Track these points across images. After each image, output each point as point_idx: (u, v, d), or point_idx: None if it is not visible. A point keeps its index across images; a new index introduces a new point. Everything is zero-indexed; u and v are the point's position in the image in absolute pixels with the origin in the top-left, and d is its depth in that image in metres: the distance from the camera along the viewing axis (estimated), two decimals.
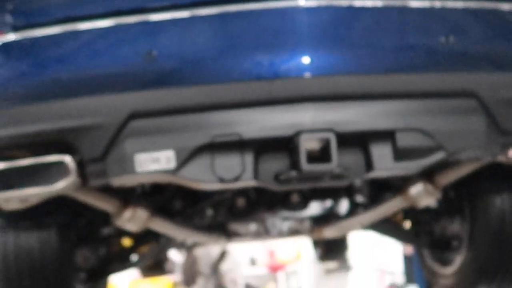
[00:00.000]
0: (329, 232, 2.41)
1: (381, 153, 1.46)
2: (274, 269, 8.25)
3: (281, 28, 1.46)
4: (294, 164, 1.44)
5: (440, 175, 1.94)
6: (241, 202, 2.28)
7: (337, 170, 1.43)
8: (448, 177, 1.95)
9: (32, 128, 1.46)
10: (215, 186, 1.46)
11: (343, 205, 2.41)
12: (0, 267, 2.00)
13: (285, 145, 1.45)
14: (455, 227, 2.53)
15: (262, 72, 1.43)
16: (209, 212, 2.29)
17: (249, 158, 1.42)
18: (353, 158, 1.48)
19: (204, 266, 7.93)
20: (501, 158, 1.68)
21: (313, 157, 1.39)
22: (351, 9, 1.49)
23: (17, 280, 2.02)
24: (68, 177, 1.44)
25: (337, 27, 1.49)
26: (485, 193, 2.23)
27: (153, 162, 1.40)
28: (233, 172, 1.41)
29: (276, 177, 1.47)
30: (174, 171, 1.41)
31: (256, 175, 1.44)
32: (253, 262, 9.37)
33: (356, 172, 1.48)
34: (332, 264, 8.82)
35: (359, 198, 2.36)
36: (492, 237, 2.22)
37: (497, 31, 1.60)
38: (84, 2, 1.50)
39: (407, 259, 5.42)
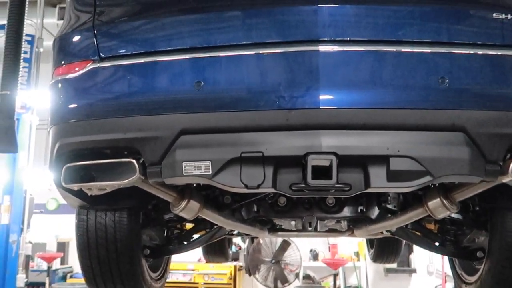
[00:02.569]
0: (358, 233, 2.69)
1: (377, 174, 1.75)
2: (334, 264, 8.46)
3: (299, 68, 1.80)
4: (304, 178, 1.78)
5: (456, 192, 2.17)
6: (282, 201, 2.62)
7: (337, 185, 1.75)
8: (463, 194, 2.16)
9: (110, 136, 1.91)
10: (241, 190, 1.84)
11: (374, 211, 2.65)
12: (83, 239, 2.50)
13: (297, 162, 1.79)
14: (481, 239, 2.72)
15: (282, 104, 1.78)
16: (254, 207, 2.65)
17: (269, 170, 1.78)
18: (355, 176, 1.78)
19: (266, 255, 8.30)
20: (502, 181, 1.89)
21: (319, 173, 1.72)
22: (358, 53, 1.80)
23: (95, 250, 2.50)
24: (133, 175, 1.88)
25: (345, 68, 1.80)
26: (503, 210, 2.41)
27: (196, 169, 1.80)
28: (255, 181, 1.78)
29: (291, 187, 1.81)
30: (211, 177, 1.80)
31: (274, 184, 1.80)
32: (314, 256, 9.62)
33: (357, 187, 1.80)
34: (393, 265, 8.91)
35: (388, 206, 2.60)
36: (507, 251, 2.40)
37: (484, 74, 1.83)
38: (151, 41, 1.93)
39: None
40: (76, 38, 2.09)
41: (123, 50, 1.96)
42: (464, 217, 2.67)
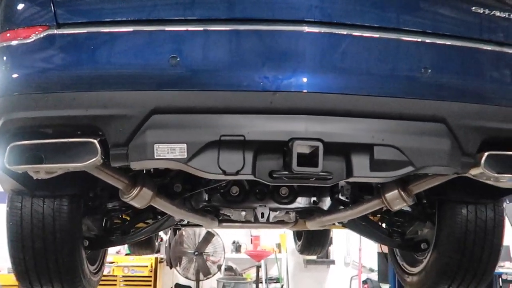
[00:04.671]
0: (310, 225, 2.66)
1: (360, 163, 1.71)
2: (258, 256, 8.49)
3: (286, 49, 1.71)
4: (287, 165, 1.69)
5: (413, 184, 2.19)
6: (235, 190, 2.51)
7: (322, 173, 1.68)
8: (420, 187, 2.20)
9: (67, 112, 1.69)
10: (218, 177, 1.70)
11: (326, 202, 2.63)
12: (17, 228, 2.24)
13: (280, 148, 1.70)
14: (425, 231, 2.80)
15: (266, 85, 1.67)
16: (205, 196, 2.52)
17: (249, 156, 1.67)
18: (337, 165, 1.73)
19: (189, 247, 8.15)
20: (467, 174, 1.93)
21: (301, 160, 1.64)
22: (346, 37, 1.74)
23: (30, 241, 2.25)
24: (94, 157, 1.68)
25: (333, 52, 1.74)
26: (453, 204, 2.49)
27: (169, 152, 1.64)
28: (234, 167, 1.66)
29: (270, 174, 1.72)
30: (186, 161, 1.65)
31: (253, 170, 1.69)
32: (237, 248, 9.60)
33: (338, 176, 1.74)
34: (313, 257, 9.13)
35: (341, 197, 2.59)
36: (455, 243, 2.49)
37: (465, 67, 1.86)
38: (122, 8, 1.73)
39: (382, 257, 5.67)
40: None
41: (87, 17, 1.74)
42: (412, 209, 2.72)
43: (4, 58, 1.78)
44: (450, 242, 2.50)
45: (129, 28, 1.71)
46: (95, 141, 1.68)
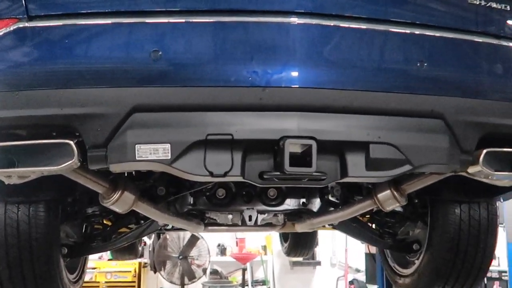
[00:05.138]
0: (300, 227, 2.57)
1: (355, 162, 1.62)
2: (242, 259, 8.39)
3: (275, 42, 1.61)
4: (278, 165, 1.58)
5: (406, 184, 2.11)
6: (221, 193, 2.41)
7: (315, 173, 1.58)
8: (413, 186, 2.12)
9: (40, 112, 1.56)
10: (205, 179, 1.60)
11: (316, 203, 2.55)
12: None
13: (270, 147, 1.60)
14: (416, 231, 2.73)
15: (255, 80, 1.57)
16: (190, 200, 2.42)
17: (237, 156, 1.56)
18: (330, 164, 1.63)
19: (172, 251, 8.01)
20: (462, 173, 1.86)
21: (294, 160, 1.54)
22: (339, 29, 1.65)
23: (3, 250, 2.12)
24: (70, 160, 1.55)
25: (325, 45, 1.64)
26: (446, 203, 2.42)
27: (152, 153, 1.53)
28: (222, 168, 1.55)
29: (260, 175, 1.61)
30: (169, 162, 1.54)
31: (242, 172, 1.58)
32: (222, 251, 9.49)
33: (332, 176, 1.64)
34: (299, 259, 9.06)
35: (331, 198, 2.51)
36: (449, 243, 2.42)
37: (463, 61, 1.78)
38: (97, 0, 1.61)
39: (370, 258, 5.62)
40: None
41: (61, 9, 1.61)
42: (404, 209, 2.65)
43: None
44: (443, 242, 2.44)
45: (107, 20, 1.59)
46: (71, 142, 1.55)
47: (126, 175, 2.15)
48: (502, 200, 2.36)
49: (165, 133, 1.53)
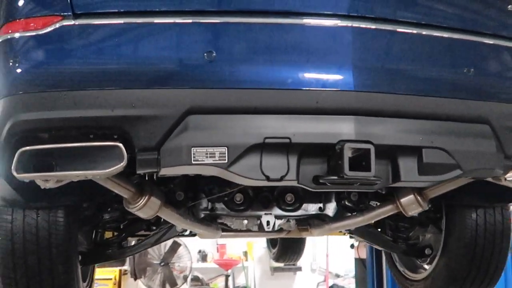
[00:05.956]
0: (317, 233, 2.56)
1: (408, 167, 1.62)
2: (225, 265, 8.31)
3: (331, 45, 1.60)
4: (336, 170, 1.56)
5: (430, 188, 2.12)
6: (239, 198, 2.38)
7: (373, 178, 1.58)
8: (436, 191, 2.14)
9: (91, 113, 1.50)
10: (261, 183, 1.56)
11: (332, 208, 2.54)
12: (8, 244, 2.01)
13: (323, 152, 1.58)
14: (428, 236, 2.76)
15: (311, 83, 1.55)
16: (208, 205, 2.37)
17: (293, 160, 1.54)
18: (383, 169, 1.63)
19: (153, 258, 7.88)
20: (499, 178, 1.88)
21: (352, 164, 1.53)
22: (393, 34, 1.65)
23: (22, 257, 2.02)
24: (119, 163, 1.50)
25: (379, 50, 1.65)
26: (462, 208, 2.45)
27: (208, 156, 1.49)
28: (278, 172, 1.53)
29: (315, 179, 1.60)
30: (227, 166, 1.51)
31: (297, 176, 1.57)
32: (203, 257, 9.39)
33: (384, 181, 1.64)
34: (280, 264, 9.04)
35: (347, 203, 2.51)
36: (465, 248, 2.45)
37: (507, 66, 1.82)
38: None
39: (360, 263, 5.65)
40: None
41: (109, 7, 1.55)
42: (419, 215, 2.67)
43: (11, 51, 1.57)
44: (459, 247, 2.46)
45: (162, 20, 1.55)
46: (120, 145, 1.50)
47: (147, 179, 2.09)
48: None
49: (222, 136, 1.50)
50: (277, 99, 1.54)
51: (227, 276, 8.25)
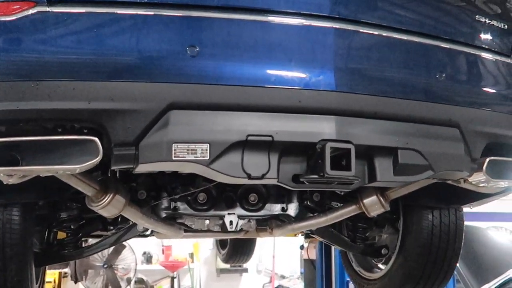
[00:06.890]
0: (279, 233, 2.56)
1: (384, 167, 1.65)
2: (171, 267, 8.18)
3: (315, 45, 1.60)
4: (317, 169, 1.56)
5: (392, 190, 2.18)
6: (202, 197, 2.34)
7: (352, 177, 1.59)
8: (398, 192, 2.20)
9: (66, 105, 1.42)
10: (241, 181, 1.54)
11: (294, 209, 2.55)
12: None
13: (304, 151, 1.58)
14: (384, 236, 2.83)
15: (294, 82, 1.55)
16: (170, 204, 2.32)
17: (274, 158, 1.53)
18: (360, 169, 1.65)
19: (96, 260, 7.63)
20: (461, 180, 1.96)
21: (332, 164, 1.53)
22: (376, 38, 1.68)
23: None
24: (94, 158, 1.42)
25: (364, 52, 1.67)
26: (420, 209, 2.53)
27: (189, 153, 1.45)
28: (259, 170, 1.51)
29: (294, 178, 1.59)
30: (208, 163, 1.47)
31: (278, 174, 1.55)
32: (148, 259, 9.21)
33: (360, 181, 1.66)
34: (226, 266, 9.01)
35: (310, 204, 2.53)
36: (421, 247, 2.53)
37: (477, 74, 1.90)
38: None
39: (309, 264, 5.71)
40: None
41: None
42: (377, 215, 2.73)
43: None
44: (416, 246, 2.54)
45: (144, 11, 1.48)
46: (96, 139, 1.42)
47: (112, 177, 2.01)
48: (471, 207, 2.51)
49: (204, 132, 1.46)
50: (261, 97, 1.52)
51: (172, 278, 8.13)
